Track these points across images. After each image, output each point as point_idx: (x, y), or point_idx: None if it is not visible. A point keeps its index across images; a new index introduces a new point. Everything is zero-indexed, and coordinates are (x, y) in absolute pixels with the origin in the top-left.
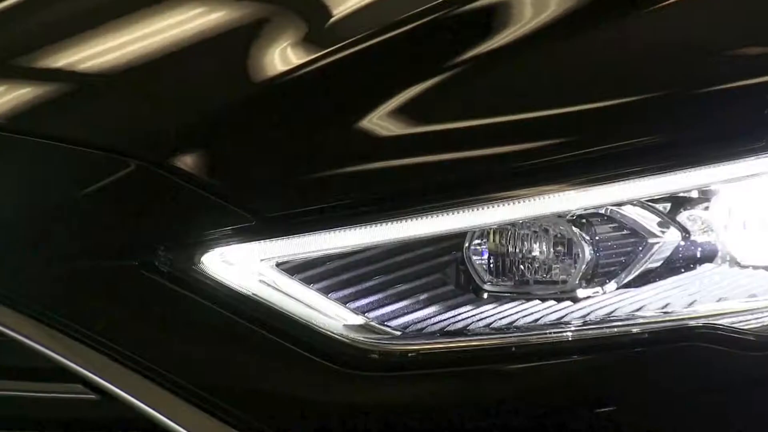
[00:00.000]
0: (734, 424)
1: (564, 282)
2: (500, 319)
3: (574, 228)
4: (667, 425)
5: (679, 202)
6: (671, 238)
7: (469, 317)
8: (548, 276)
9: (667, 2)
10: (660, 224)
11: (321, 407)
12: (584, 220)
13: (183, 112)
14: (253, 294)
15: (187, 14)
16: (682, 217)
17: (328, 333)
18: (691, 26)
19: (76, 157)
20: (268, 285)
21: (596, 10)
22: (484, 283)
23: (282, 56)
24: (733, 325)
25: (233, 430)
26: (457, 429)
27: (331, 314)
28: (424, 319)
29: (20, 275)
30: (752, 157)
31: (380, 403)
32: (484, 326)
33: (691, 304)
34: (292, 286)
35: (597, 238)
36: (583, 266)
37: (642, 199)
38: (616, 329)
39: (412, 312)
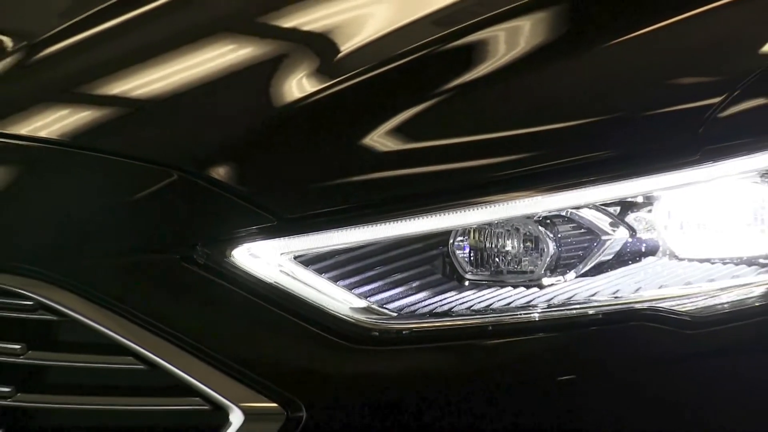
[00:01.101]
0: (672, 389)
1: (532, 272)
2: (479, 302)
3: (540, 227)
4: (616, 390)
5: (627, 206)
6: (620, 235)
7: (453, 301)
8: (519, 267)
9: (616, 41)
10: (611, 224)
11: (330, 375)
12: (548, 221)
13: (217, 132)
14: (274, 282)
15: (219, 50)
16: (630, 218)
17: (337, 314)
18: (637, 62)
19: (129, 168)
20: (287, 275)
21: (557, 47)
22: (466, 272)
23: (298, 85)
24: (671, 308)
25: (258, 394)
26: (442, 393)
27: (339, 299)
28: (416, 303)
29: (83, 266)
30: (688, 169)
31: (379, 372)
32: (466, 309)
33: (637, 291)
34: (307, 275)
35: (559, 235)
36: (548, 259)
37: (596, 204)
38: (575, 311)
39: (405, 297)
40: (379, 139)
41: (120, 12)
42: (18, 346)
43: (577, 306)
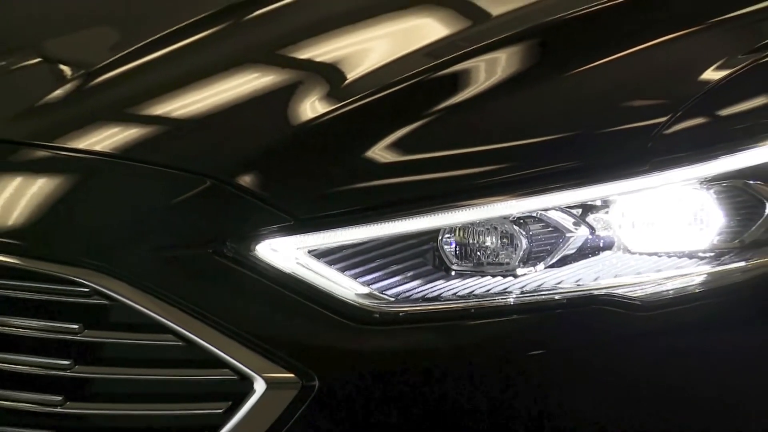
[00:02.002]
0: (625, 361)
1: (507, 264)
2: (463, 289)
3: (514, 226)
4: (578, 362)
5: (587, 208)
6: (582, 233)
7: (441, 288)
8: (496, 259)
9: (579, 71)
10: (574, 223)
11: (338, 349)
12: (522, 221)
13: (243, 146)
14: (292, 272)
15: (245, 78)
16: (590, 218)
17: (344, 299)
18: (597, 89)
19: (170, 177)
20: (302, 266)
21: (528, 77)
22: (452, 264)
23: (311, 108)
24: (625, 294)
25: (278, 366)
26: (433, 364)
27: (346, 286)
28: (410, 290)
29: (132, 259)
30: (638, 178)
31: (380, 347)
32: (452, 294)
33: (595, 279)
34: (319, 266)
35: (530, 233)
36: (521, 253)
37: (561, 206)
38: (543, 297)
39: (401, 284)
40: (379, 153)
41: (161, 46)
42: (76, 326)
43: (546, 292)
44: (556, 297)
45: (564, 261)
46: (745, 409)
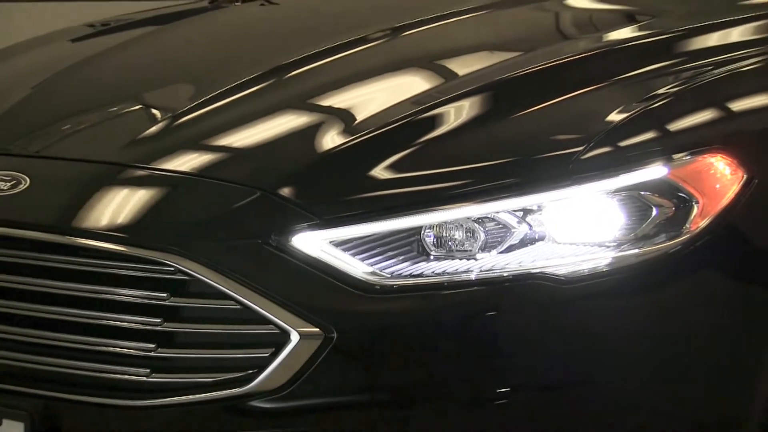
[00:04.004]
0: (554, 321)
1: (470, 251)
2: (438, 269)
3: (475, 224)
4: (519, 321)
5: (527, 211)
6: (523, 229)
7: (423, 268)
8: (462, 247)
9: (521, 114)
10: (518, 222)
11: (350, 311)
12: (480, 220)
13: (283, 166)
14: (317, 257)
15: (282, 120)
16: (529, 218)
17: (355, 276)
18: (532, 127)
19: (231, 189)
20: (325, 252)
21: (485, 117)
22: (431, 251)
23: (331, 139)
24: (553, 272)
25: (307, 323)
26: (417, 322)
27: (356, 266)
28: (401, 269)
29: (205, 247)
30: (563, 189)
31: (379, 310)
32: (431, 272)
33: (532, 262)
34: (337, 252)
35: (486, 228)
36: (479, 243)
37: (508, 210)
38: (495, 274)
39: (395, 265)
40: (379, 172)
41: (225, 96)
42: (165, 294)
43: (497, 271)
44: (505, 274)
45: (510, 249)
46: (636, 352)
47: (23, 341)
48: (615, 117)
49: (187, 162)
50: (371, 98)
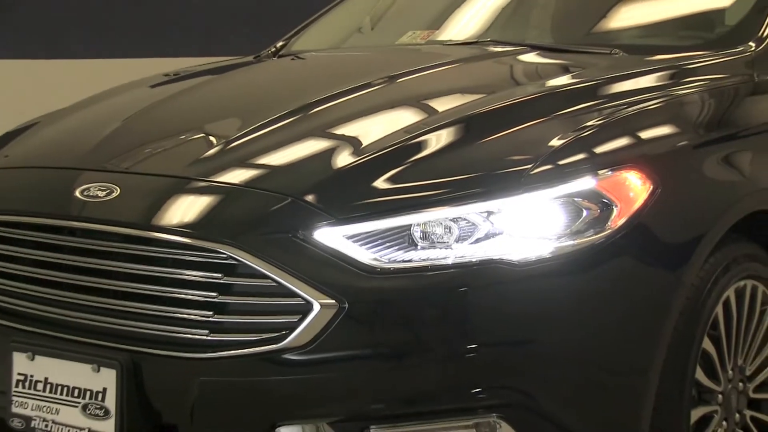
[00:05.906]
0: (509, 294)
1: (447, 242)
2: (425, 256)
3: (451, 222)
4: (484, 294)
5: (489, 213)
6: (486, 227)
7: (412, 256)
8: (441, 240)
9: (487, 139)
10: (483, 221)
11: (358, 287)
12: (454, 219)
13: (308, 178)
14: (334, 247)
15: (308, 144)
16: (491, 217)
17: (362, 261)
18: (494, 149)
19: (267, 196)
20: (340, 243)
21: (461, 142)
22: (418, 243)
23: (343, 159)
24: (510, 258)
25: (325, 296)
26: (410, 295)
27: (363, 254)
28: (396, 257)
29: (250, 239)
30: (516, 197)
31: (380, 287)
32: (418, 259)
33: (494, 250)
34: (349, 243)
35: (459, 225)
36: (454, 236)
37: (476, 211)
38: (464, 260)
39: (392, 254)
40: (379, 183)
41: (264, 127)
42: (219, 275)
43: (468, 257)
44: (473, 260)
45: (477, 241)
46: (570, 316)
47: (116, 309)
48: (555, 142)
49: (236, 176)
50: (374, 128)
